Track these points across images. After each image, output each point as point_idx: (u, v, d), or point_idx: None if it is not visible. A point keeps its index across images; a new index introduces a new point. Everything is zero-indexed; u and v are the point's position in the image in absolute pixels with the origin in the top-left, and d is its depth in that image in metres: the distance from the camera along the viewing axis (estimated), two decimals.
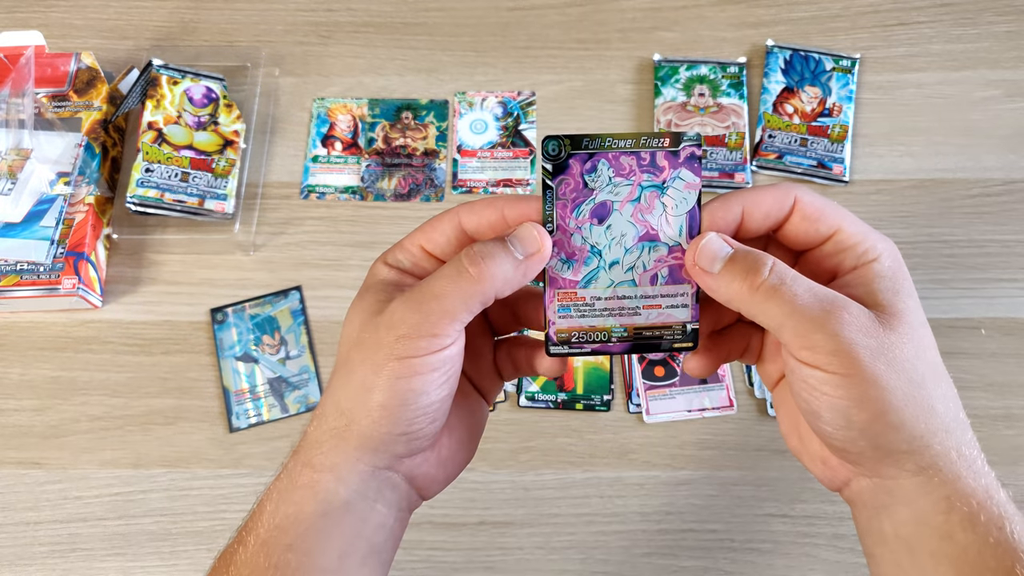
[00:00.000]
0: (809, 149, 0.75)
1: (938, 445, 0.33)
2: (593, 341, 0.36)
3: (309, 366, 0.70)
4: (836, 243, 0.35)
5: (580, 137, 0.35)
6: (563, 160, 0.35)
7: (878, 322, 0.33)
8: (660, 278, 0.36)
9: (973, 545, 0.32)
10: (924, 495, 0.33)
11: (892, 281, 0.34)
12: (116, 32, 0.82)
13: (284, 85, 0.80)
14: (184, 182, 0.72)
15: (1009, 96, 0.77)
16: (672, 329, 0.36)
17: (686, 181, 0.35)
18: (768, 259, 0.34)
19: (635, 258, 0.36)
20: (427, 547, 0.64)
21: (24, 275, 0.69)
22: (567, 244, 0.35)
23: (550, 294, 0.36)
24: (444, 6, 0.83)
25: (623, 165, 0.35)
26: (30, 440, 0.68)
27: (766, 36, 0.80)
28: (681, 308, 0.36)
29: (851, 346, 0.32)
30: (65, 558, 0.64)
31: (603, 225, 0.35)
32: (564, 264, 0.36)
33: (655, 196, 0.35)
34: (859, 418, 0.32)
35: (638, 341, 0.36)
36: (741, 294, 0.33)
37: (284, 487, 0.35)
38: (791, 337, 0.33)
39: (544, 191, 0.35)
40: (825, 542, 0.64)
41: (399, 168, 0.76)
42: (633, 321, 0.36)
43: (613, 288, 0.36)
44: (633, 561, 0.63)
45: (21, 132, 0.73)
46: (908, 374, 0.32)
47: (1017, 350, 0.69)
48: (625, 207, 0.35)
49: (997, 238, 0.72)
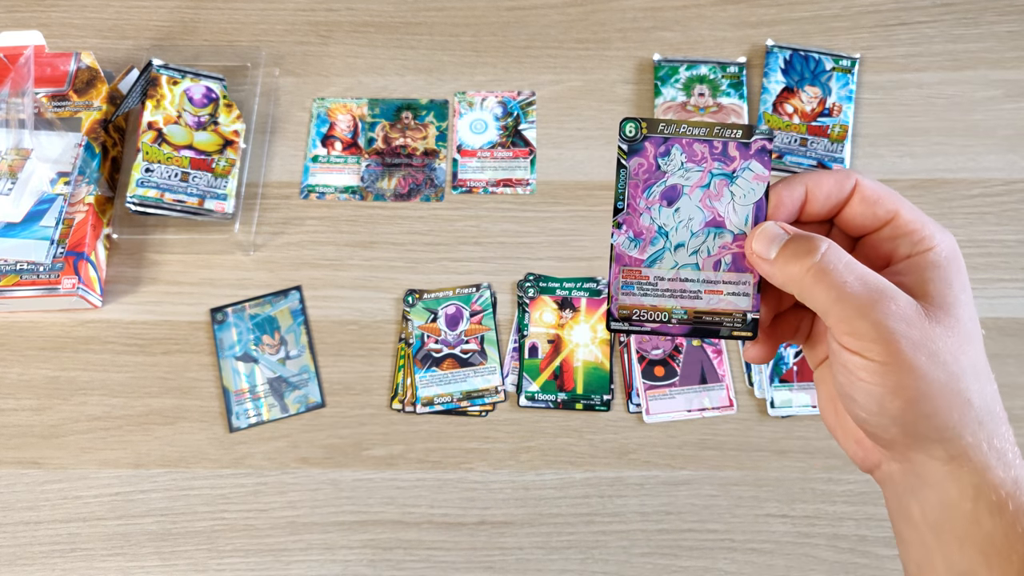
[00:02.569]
0: (809, 149, 0.75)
1: (970, 436, 0.33)
2: (653, 320, 0.37)
3: (309, 366, 0.70)
4: (893, 228, 0.36)
5: (657, 122, 0.36)
6: (639, 142, 0.36)
7: (924, 313, 0.33)
8: (723, 264, 0.37)
9: (1000, 531, 0.33)
10: (953, 482, 0.33)
11: (945, 272, 0.34)
12: (116, 32, 0.82)
13: (284, 85, 0.80)
14: (184, 182, 0.72)
15: (1010, 96, 0.77)
16: (732, 316, 0.37)
17: (755, 172, 0.36)
18: (822, 243, 0.34)
19: (700, 242, 0.36)
20: (427, 547, 0.64)
21: (24, 275, 0.69)
22: (636, 223, 0.37)
23: (615, 270, 0.37)
24: (444, 6, 0.83)
25: (696, 152, 0.36)
26: (30, 440, 0.68)
27: (766, 36, 0.80)
28: (743, 296, 0.37)
29: (893, 335, 0.32)
30: (65, 558, 0.64)
31: (672, 208, 0.36)
32: (631, 242, 0.37)
33: (724, 184, 0.36)
34: (893, 405, 0.33)
35: (698, 325, 0.37)
36: (794, 277, 0.34)
37: None
38: (836, 322, 0.33)
39: (618, 170, 0.36)
40: (825, 542, 0.64)
41: (399, 168, 0.76)
42: (694, 305, 0.37)
43: (677, 270, 0.37)
44: (633, 561, 0.63)
45: (21, 132, 0.73)
46: (947, 366, 0.33)
47: (1017, 350, 0.69)
48: (695, 192, 0.36)
49: (998, 238, 0.72)
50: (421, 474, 0.66)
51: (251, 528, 0.65)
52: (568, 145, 0.77)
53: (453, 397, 0.68)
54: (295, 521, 0.65)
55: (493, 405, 0.68)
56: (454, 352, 0.69)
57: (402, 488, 0.66)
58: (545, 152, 0.77)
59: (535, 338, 0.70)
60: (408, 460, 0.67)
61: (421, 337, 0.70)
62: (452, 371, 0.69)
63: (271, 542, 0.64)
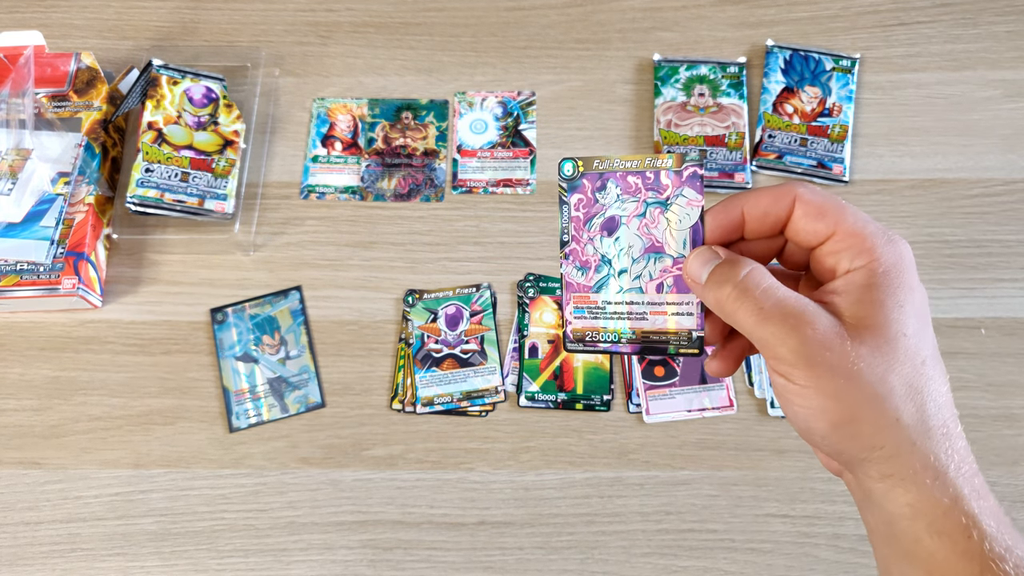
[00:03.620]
0: (809, 149, 0.75)
1: (903, 456, 0.33)
2: (605, 341, 0.39)
3: (309, 366, 0.70)
4: (835, 241, 0.35)
5: (592, 159, 0.39)
6: (577, 179, 0.39)
7: (847, 335, 0.33)
8: (666, 287, 0.39)
9: (940, 551, 0.32)
10: (890, 500, 0.34)
11: (878, 291, 0.33)
12: (116, 32, 0.82)
13: (284, 85, 0.80)
14: (184, 182, 0.72)
15: (1009, 96, 0.77)
16: (678, 335, 0.39)
17: (688, 198, 0.38)
18: (744, 267, 0.35)
19: (642, 267, 0.39)
20: (427, 547, 0.64)
21: (24, 275, 0.69)
22: (581, 253, 0.39)
23: (567, 296, 0.39)
24: (444, 6, 0.83)
25: (630, 184, 0.38)
26: (30, 440, 0.68)
27: (766, 36, 0.80)
28: (687, 316, 0.39)
29: (811, 361, 0.33)
30: (65, 558, 0.64)
31: (612, 237, 0.39)
32: (578, 271, 0.39)
33: (659, 212, 0.38)
34: (817, 427, 0.34)
35: (646, 344, 0.39)
36: (719, 300, 0.35)
37: None
38: (759, 346, 0.34)
39: (560, 206, 0.39)
40: (825, 542, 0.64)
41: (399, 168, 0.76)
42: (641, 325, 0.39)
43: (622, 294, 0.39)
44: (633, 561, 0.63)
45: (21, 132, 0.73)
46: (871, 387, 0.33)
47: (1017, 350, 0.69)
48: (632, 221, 0.39)
49: (997, 238, 0.72)
50: (421, 474, 0.66)
51: (251, 528, 0.65)
52: (568, 145, 0.77)
53: (453, 397, 0.68)
54: (295, 521, 0.65)
55: (493, 405, 0.68)
56: (454, 352, 0.69)
57: (402, 488, 0.66)
58: (545, 152, 0.77)
59: (535, 338, 0.70)
60: (408, 460, 0.67)
61: (421, 337, 0.70)
62: (452, 371, 0.69)
63: (271, 542, 0.64)
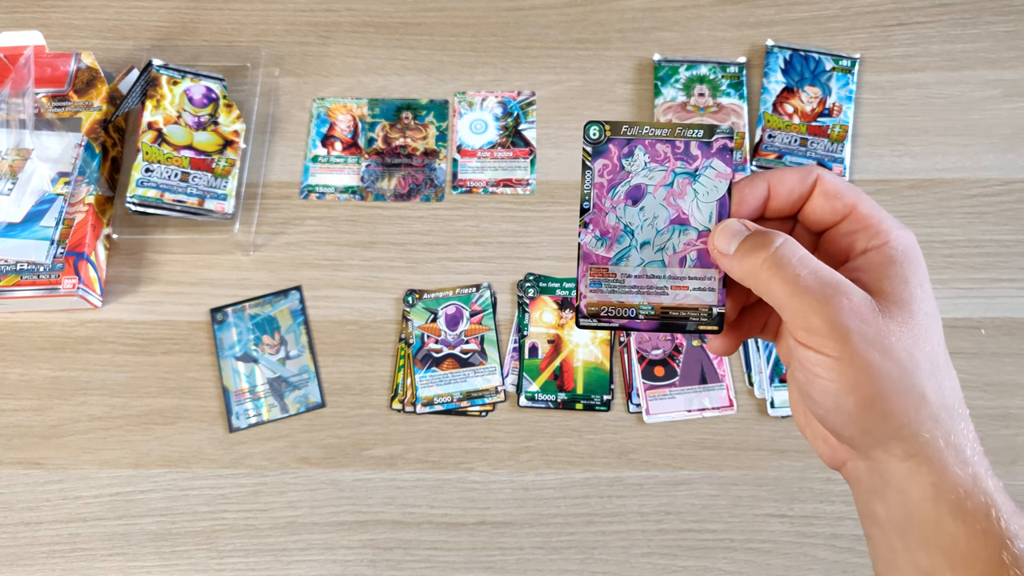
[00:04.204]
0: (809, 149, 0.75)
1: (926, 433, 0.33)
2: (621, 316, 0.38)
3: (309, 366, 0.70)
4: (851, 222, 0.36)
5: (620, 124, 0.37)
6: (603, 144, 0.37)
7: (878, 309, 0.33)
8: (689, 261, 0.37)
9: (962, 534, 0.33)
10: (912, 481, 0.34)
11: (901, 267, 0.34)
12: (116, 32, 0.82)
13: (284, 85, 0.80)
14: (184, 182, 0.72)
15: (1008, 96, 0.77)
16: (699, 311, 0.37)
17: (717, 170, 0.37)
18: (778, 237, 0.35)
19: (666, 240, 0.37)
20: (427, 547, 0.64)
21: (24, 275, 0.69)
22: (602, 222, 0.37)
23: (583, 268, 0.38)
24: (444, 6, 0.83)
25: (659, 152, 0.37)
26: (30, 440, 0.68)
27: (766, 36, 0.80)
28: (708, 292, 0.37)
29: (846, 331, 0.32)
30: (65, 558, 0.64)
31: (637, 207, 0.37)
32: (598, 241, 0.37)
33: (687, 183, 0.37)
34: (848, 402, 0.33)
35: (665, 320, 0.38)
36: (751, 270, 0.35)
37: None
38: (791, 316, 0.34)
39: (583, 171, 0.37)
40: (824, 542, 0.64)
41: (399, 168, 0.76)
42: (660, 300, 0.38)
43: (643, 267, 0.37)
44: (632, 561, 0.64)
45: (21, 132, 0.73)
46: (902, 363, 0.33)
47: (1017, 350, 0.69)
48: (659, 191, 0.37)
49: (997, 238, 0.72)
50: (421, 474, 0.66)
51: (251, 528, 0.65)
52: (568, 145, 0.77)
53: (453, 397, 0.68)
54: (295, 521, 0.65)
55: (493, 405, 0.68)
56: (454, 352, 0.69)
57: (402, 488, 0.66)
58: (545, 152, 0.77)
59: (535, 338, 0.70)
60: (408, 460, 0.67)
61: (421, 337, 0.70)
62: (452, 371, 0.69)
63: (271, 542, 0.64)
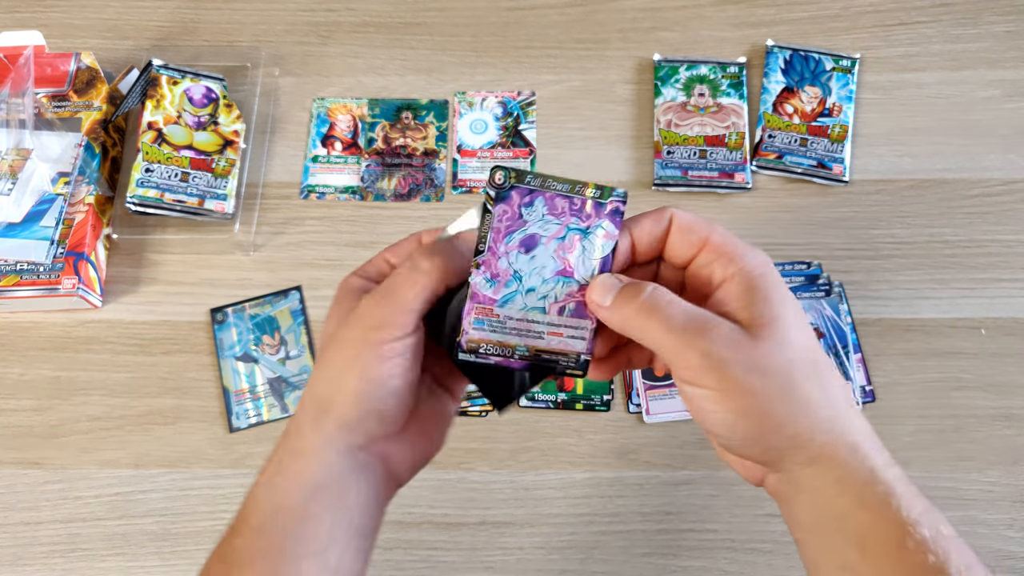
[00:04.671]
0: (809, 149, 0.75)
1: (821, 436, 0.35)
2: (498, 355, 0.39)
3: (309, 366, 0.70)
4: (707, 252, 0.38)
5: (525, 173, 0.39)
6: (507, 190, 0.39)
7: (748, 335, 0.35)
8: (567, 311, 0.39)
9: (869, 524, 0.35)
10: (819, 481, 0.36)
11: (760, 291, 0.36)
12: (116, 32, 0.82)
13: (284, 85, 0.80)
14: (184, 182, 0.72)
15: (1009, 96, 0.77)
16: (568, 356, 0.40)
17: (606, 231, 0.39)
18: (648, 286, 0.37)
19: (549, 289, 0.39)
20: (427, 547, 0.64)
21: (24, 275, 0.69)
22: (494, 265, 0.39)
23: (469, 306, 0.39)
24: (444, 6, 0.83)
25: (557, 206, 0.39)
26: (30, 440, 0.68)
27: (766, 36, 0.80)
28: (579, 340, 0.39)
29: (721, 362, 0.34)
30: (65, 558, 0.64)
31: (528, 255, 0.39)
32: (488, 282, 0.39)
33: (577, 238, 0.39)
34: (742, 427, 0.35)
35: (536, 362, 0.40)
36: (627, 317, 0.37)
37: (271, 476, 0.39)
38: (669, 356, 0.36)
39: (483, 214, 0.39)
40: None
41: (399, 168, 0.76)
42: (536, 343, 0.39)
43: (525, 312, 0.39)
44: (633, 561, 0.63)
45: (21, 132, 0.73)
46: (780, 379, 0.35)
47: (1017, 350, 0.69)
48: (551, 243, 0.39)
49: (997, 238, 0.72)
50: (421, 474, 0.66)
51: None
52: (568, 145, 0.77)
53: None
54: None
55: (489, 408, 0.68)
56: None
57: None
58: (545, 152, 0.77)
59: None
60: None
61: None
62: None
63: None
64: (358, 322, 0.38)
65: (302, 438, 0.38)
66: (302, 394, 0.40)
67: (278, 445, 0.39)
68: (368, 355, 0.37)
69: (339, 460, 0.38)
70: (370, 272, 0.41)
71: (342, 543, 0.37)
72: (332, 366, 0.38)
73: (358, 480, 0.38)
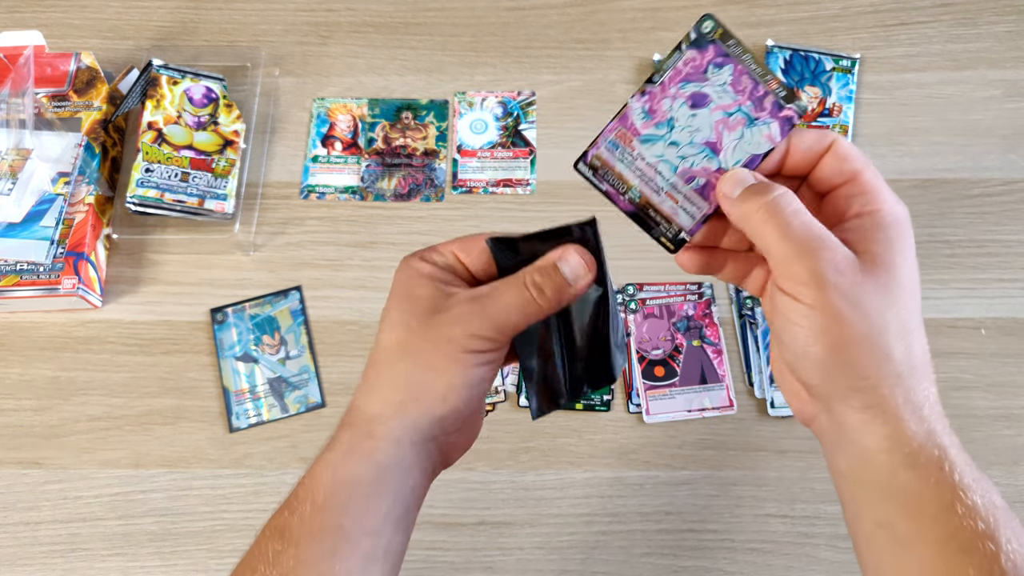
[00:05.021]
0: None
1: (886, 388, 0.35)
2: (612, 184, 0.39)
3: (309, 366, 0.70)
4: (852, 185, 0.38)
5: (731, 36, 0.38)
6: (706, 41, 0.38)
7: (859, 267, 0.35)
8: (695, 183, 0.39)
9: (915, 485, 0.34)
10: (867, 432, 0.35)
11: (887, 233, 0.36)
12: (116, 32, 0.82)
13: (284, 85, 0.80)
14: (184, 182, 0.72)
15: (1009, 96, 0.77)
16: (671, 224, 0.39)
17: (770, 132, 0.38)
18: (778, 188, 0.36)
19: (691, 153, 0.39)
20: (427, 547, 0.64)
21: (24, 275, 0.69)
22: (657, 100, 0.39)
23: (614, 125, 0.39)
24: (444, 6, 0.83)
25: (741, 82, 0.38)
26: (30, 440, 0.68)
27: (766, 36, 0.80)
28: (688, 216, 0.39)
29: (823, 281, 0.34)
30: (65, 558, 0.64)
31: (692, 110, 0.38)
32: (643, 113, 0.39)
33: (742, 123, 0.38)
34: (814, 349, 0.35)
35: (640, 213, 0.39)
36: (747, 213, 0.36)
37: (341, 456, 0.39)
38: (776, 263, 0.36)
39: (675, 51, 0.38)
40: (825, 542, 0.64)
41: (399, 168, 0.76)
42: (650, 196, 0.39)
43: (658, 160, 0.39)
44: (633, 561, 0.63)
45: (21, 132, 0.73)
46: (872, 319, 0.35)
47: (1017, 350, 0.69)
48: (717, 112, 0.38)
49: (997, 238, 0.72)
50: None
51: (251, 528, 0.65)
52: (568, 145, 0.77)
53: None
54: None
55: (493, 405, 0.68)
56: None
57: None
58: (545, 152, 0.77)
59: None
60: None
61: None
62: None
63: None
64: (458, 322, 0.38)
65: (382, 423, 0.39)
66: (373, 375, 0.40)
67: (349, 425, 0.40)
68: (467, 359, 0.38)
69: (411, 448, 0.39)
70: (437, 260, 0.41)
71: (393, 524, 0.38)
72: (423, 358, 0.38)
73: (417, 466, 0.39)
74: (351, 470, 0.38)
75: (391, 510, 0.38)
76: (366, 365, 0.41)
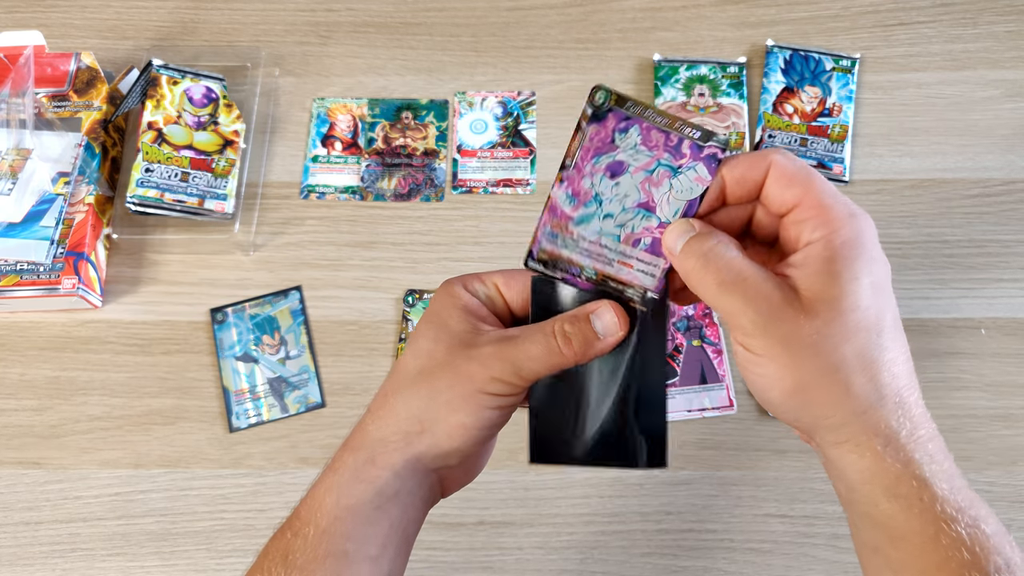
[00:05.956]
0: (809, 149, 0.75)
1: (854, 425, 0.34)
2: (565, 271, 0.39)
3: (309, 366, 0.70)
4: (802, 209, 0.36)
5: (626, 99, 0.38)
6: (604, 112, 0.38)
7: (802, 308, 0.34)
8: (642, 244, 0.39)
9: (898, 514, 0.34)
10: (847, 465, 0.35)
11: (834, 263, 0.34)
12: (116, 32, 0.82)
13: (284, 85, 0.80)
14: (184, 182, 0.72)
15: (1009, 96, 0.77)
16: (635, 289, 0.39)
17: (699, 174, 0.37)
18: (712, 239, 0.36)
19: (628, 219, 0.39)
20: (426, 547, 0.64)
21: (24, 275, 0.69)
22: (577, 182, 0.39)
23: (546, 217, 0.39)
24: (444, 6, 0.83)
25: (652, 138, 0.38)
26: (30, 440, 0.68)
27: (766, 36, 0.80)
28: (649, 277, 0.39)
29: (765, 331, 0.34)
30: (65, 558, 0.64)
31: (613, 180, 0.38)
32: (568, 199, 0.39)
33: (667, 175, 0.38)
34: (772, 396, 0.35)
35: (603, 287, 0.39)
36: (687, 270, 0.36)
37: (346, 481, 0.39)
38: (723, 316, 0.36)
39: (576, 131, 0.38)
40: (824, 542, 0.64)
41: (399, 168, 0.76)
42: (605, 269, 0.39)
43: (599, 235, 0.39)
44: (632, 561, 0.64)
45: (21, 132, 0.73)
46: (824, 360, 0.34)
47: (1017, 350, 0.69)
48: (638, 173, 0.38)
49: (997, 238, 0.72)
50: None
51: (251, 528, 0.65)
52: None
53: None
54: None
55: None
56: None
57: None
58: (545, 152, 0.77)
59: None
60: None
61: None
62: None
63: None
64: (482, 364, 0.38)
65: (386, 451, 0.39)
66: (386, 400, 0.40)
67: (353, 448, 0.40)
68: (483, 399, 0.38)
69: (413, 478, 0.39)
70: (478, 291, 0.41)
71: (392, 551, 0.39)
72: (442, 393, 0.39)
73: (420, 495, 0.40)
74: (354, 496, 0.39)
75: (390, 537, 0.39)
76: (384, 382, 0.41)
